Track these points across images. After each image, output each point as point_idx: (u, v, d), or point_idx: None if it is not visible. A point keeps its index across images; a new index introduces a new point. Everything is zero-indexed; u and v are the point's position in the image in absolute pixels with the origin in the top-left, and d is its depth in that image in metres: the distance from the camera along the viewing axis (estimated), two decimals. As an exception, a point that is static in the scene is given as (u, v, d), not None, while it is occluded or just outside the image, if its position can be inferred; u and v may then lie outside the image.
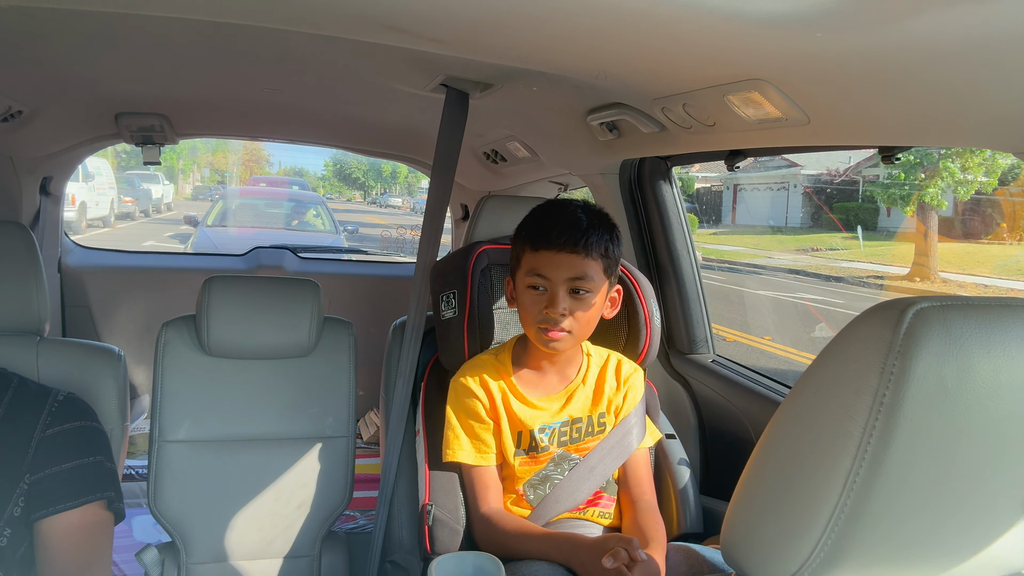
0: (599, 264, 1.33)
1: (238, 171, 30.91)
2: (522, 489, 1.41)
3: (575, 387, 1.44)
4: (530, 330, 1.36)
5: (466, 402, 1.41)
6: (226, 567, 1.56)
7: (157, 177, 21.32)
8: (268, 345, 1.64)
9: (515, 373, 1.43)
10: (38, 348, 1.38)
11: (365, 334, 1.76)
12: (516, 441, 1.40)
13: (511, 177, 2.53)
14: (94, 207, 14.30)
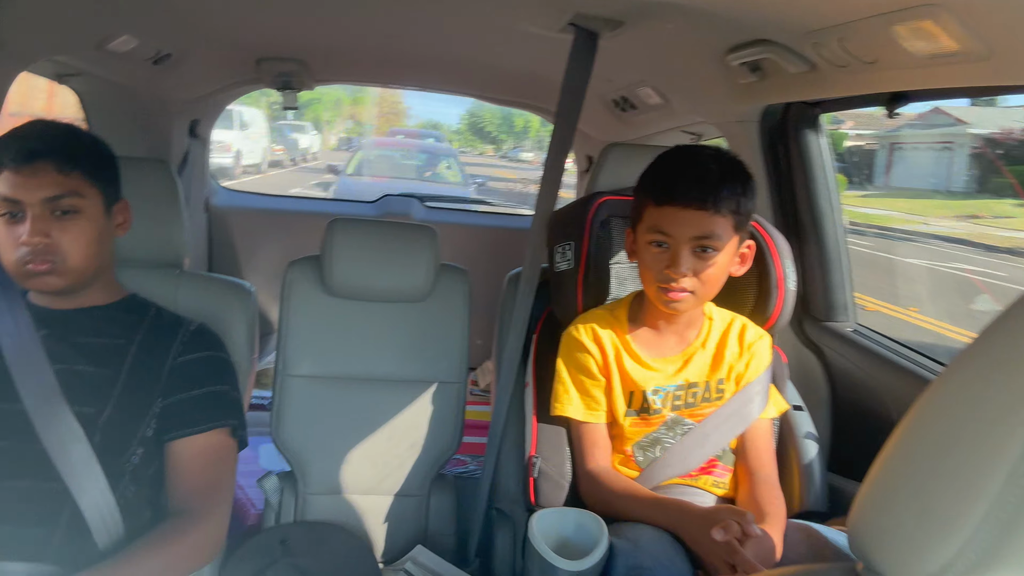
0: (729, 221, 1.22)
1: (378, 123, 32.04)
2: (631, 450, 1.36)
3: (693, 350, 1.35)
4: (650, 288, 1.28)
5: (577, 356, 1.36)
6: (339, 499, 1.62)
7: (305, 127, 22.47)
8: (386, 288, 1.65)
9: (631, 331, 1.36)
10: (178, 281, 1.45)
11: (486, 283, 1.75)
12: (627, 401, 1.34)
13: (641, 126, 2.41)
14: (248, 155, 15.26)
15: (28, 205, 1.12)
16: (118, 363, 1.21)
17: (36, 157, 1.13)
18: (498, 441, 1.51)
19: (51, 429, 1.11)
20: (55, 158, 1.14)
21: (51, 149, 1.14)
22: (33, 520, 1.06)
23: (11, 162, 1.12)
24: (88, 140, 1.24)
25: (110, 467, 1.13)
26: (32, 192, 1.12)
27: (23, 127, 1.19)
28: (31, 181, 1.12)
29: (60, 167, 1.14)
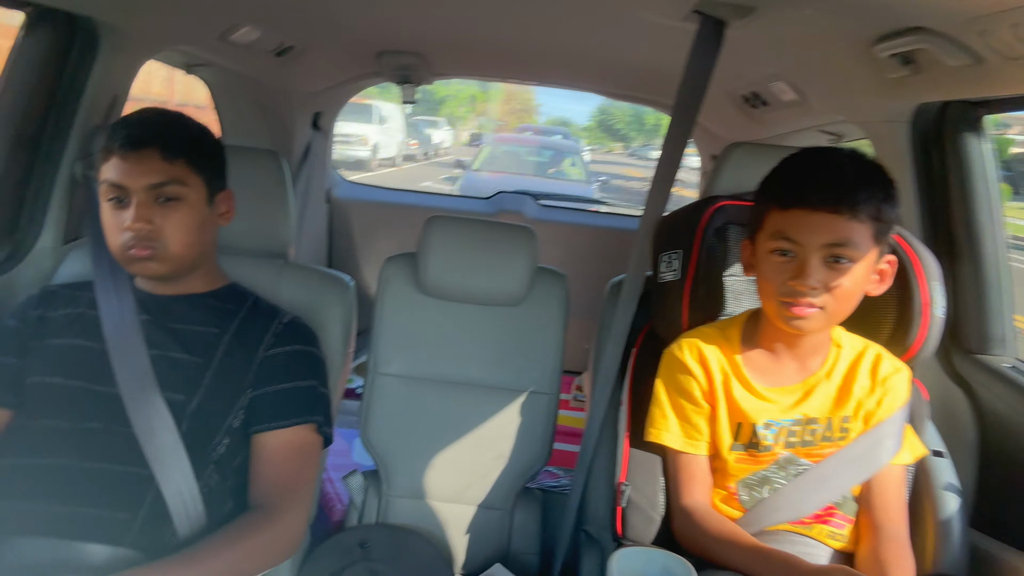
0: (867, 228, 1.05)
1: (508, 120, 32.46)
2: (735, 487, 1.21)
3: (816, 381, 1.18)
4: (769, 303, 1.12)
5: (679, 378, 1.23)
6: (422, 505, 1.58)
7: (439, 123, 23.17)
8: (479, 290, 1.59)
9: (743, 353, 1.21)
10: (281, 271, 1.44)
11: (597, 286, 1.66)
12: (734, 433, 1.20)
13: (773, 125, 2.22)
14: (384, 148, 15.88)
15: (133, 191, 1.14)
16: (211, 352, 1.21)
17: (142, 144, 1.14)
18: (589, 460, 1.41)
19: (141, 414, 1.12)
20: (160, 146, 1.15)
21: (157, 137, 1.16)
22: (116, 504, 1.07)
23: (119, 148, 1.14)
24: (195, 129, 1.24)
25: (196, 456, 1.13)
26: (137, 178, 1.14)
27: (132, 115, 1.21)
28: (136, 168, 1.14)
29: (165, 155, 1.15)
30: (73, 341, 1.19)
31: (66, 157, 1.46)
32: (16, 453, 1.10)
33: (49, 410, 1.13)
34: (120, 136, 1.15)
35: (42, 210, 1.47)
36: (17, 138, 1.41)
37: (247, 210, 1.39)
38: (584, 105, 42.48)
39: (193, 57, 1.98)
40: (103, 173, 1.16)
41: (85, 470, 1.08)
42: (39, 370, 1.17)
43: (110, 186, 1.15)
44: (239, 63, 2.07)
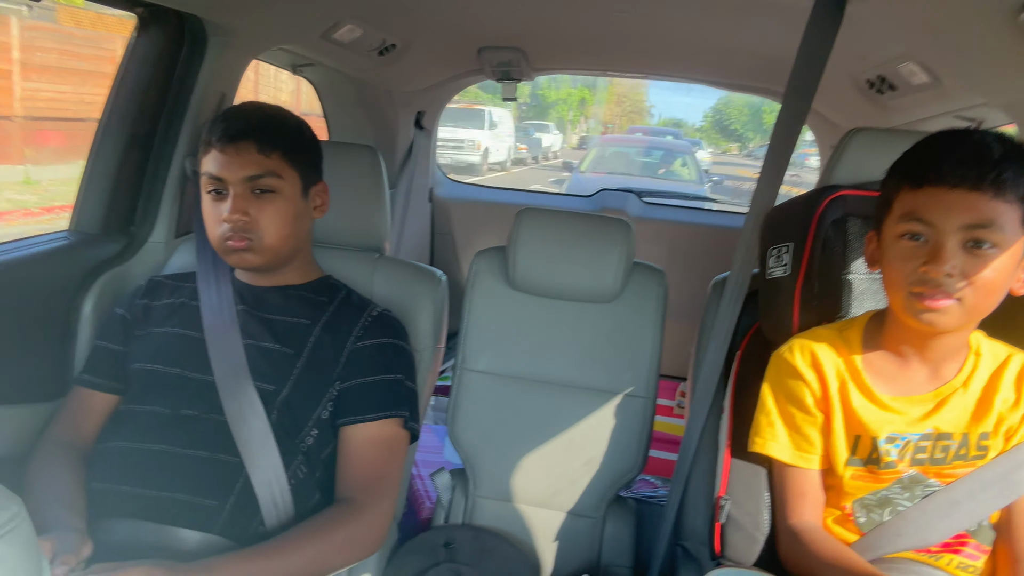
0: (1015, 210, 0.91)
1: (619, 122, 32.13)
2: (850, 507, 1.09)
3: (951, 391, 1.04)
4: (897, 295, 0.99)
5: (789, 384, 1.11)
6: (509, 508, 1.53)
7: (548, 127, 23.28)
8: (570, 285, 1.53)
9: (865, 359, 1.08)
10: (375, 265, 1.44)
11: (702, 290, 1.56)
12: (851, 447, 1.07)
13: (901, 111, 2.02)
14: (495, 152, 16.10)
15: (230, 183, 1.17)
16: (301, 343, 1.22)
17: (239, 137, 1.17)
18: (687, 470, 1.31)
19: (234, 403, 1.13)
20: (257, 139, 1.17)
21: (253, 130, 1.18)
22: (207, 491, 1.09)
23: (217, 142, 1.17)
24: (291, 123, 1.26)
25: (285, 446, 1.13)
26: (234, 171, 1.16)
27: (231, 109, 1.24)
28: (234, 160, 1.16)
29: (261, 147, 1.17)
30: (174, 330, 1.23)
31: (177, 154, 1.52)
32: (118, 437, 1.14)
33: (149, 396, 1.17)
34: (218, 129, 1.18)
35: (155, 205, 1.53)
36: (132, 136, 1.47)
37: (343, 204, 1.40)
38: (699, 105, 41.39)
39: (299, 57, 2.03)
40: (203, 165, 1.19)
41: (179, 456, 1.10)
42: (142, 357, 1.21)
43: (209, 178, 1.18)
44: (342, 62, 2.10)
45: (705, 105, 37.45)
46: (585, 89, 30.81)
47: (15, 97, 8.03)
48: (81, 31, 9.12)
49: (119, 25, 9.37)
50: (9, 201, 7.53)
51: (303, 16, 1.67)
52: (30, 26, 8.25)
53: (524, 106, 29.36)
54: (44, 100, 8.43)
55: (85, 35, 9.00)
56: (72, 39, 8.80)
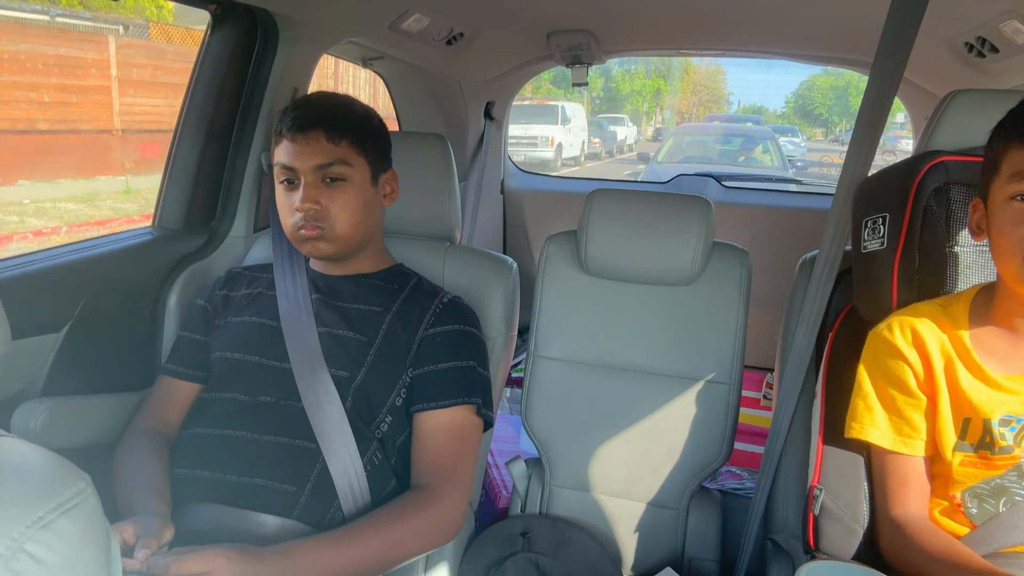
0: None
1: (696, 111, 31.41)
2: (960, 497, 1.00)
3: None
4: (1008, 264, 0.91)
5: (888, 364, 1.03)
6: (587, 498, 1.49)
7: (623, 120, 23.01)
8: (645, 268, 1.47)
9: (973, 335, 0.99)
10: (446, 253, 1.43)
11: (788, 276, 1.48)
12: (960, 431, 0.98)
13: (1003, 76, 1.86)
14: (568, 148, 16.01)
15: (301, 172, 1.18)
16: (374, 330, 1.22)
17: (309, 127, 1.18)
18: (776, 459, 1.24)
19: (310, 389, 1.14)
20: (325, 127, 1.18)
21: (322, 119, 1.18)
22: (285, 476, 1.10)
23: (288, 131, 1.19)
24: (359, 111, 1.26)
25: (360, 432, 1.14)
26: (305, 160, 1.17)
27: (301, 100, 1.25)
28: (304, 149, 1.17)
29: (329, 135, 1.18)
30: (251, 319, 1.25)
31: (254, 149, 1.56)
32: (199, 424, 1.17)
33: (229, 384, 1.19)
34: (288, 119, 1.19)
35: (234, 201, 1.57)
36: (209, 133, 1.51)
37: (414, 193, 1.40)
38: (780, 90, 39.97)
39: (368, 51, 2.04)
40: (276, 156, 1.21)
41: (258, 442, 1.12)
42: (221, 346, 1.23)
43: (281, 168, 1.20)
44: (410, 53, 2.10)
45: (788, 85, 36.14)
46: (660, 79, 30.26)
47: (114, 112, 8.56)
48: (172, 47, 9.64)
49: (208, 39, 9.84)
50: (112, 209, 8.04)
51: (370, 7, 1.68)
52: (125, 44, 8.78)
53: (597, 99, 29.10)
54: (140, 113, 8.95)
55: (176, 50, 9.51)
56: (164, 55, 9.31)
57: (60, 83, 7.95)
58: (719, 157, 9.26)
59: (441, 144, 1.45)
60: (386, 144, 1.29)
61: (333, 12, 1.59)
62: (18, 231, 6.80)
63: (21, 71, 7.58)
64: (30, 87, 7.70)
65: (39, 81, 7.77)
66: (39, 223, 7.13)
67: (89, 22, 8.89)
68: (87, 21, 8.90)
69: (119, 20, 9.19)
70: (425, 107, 2.46)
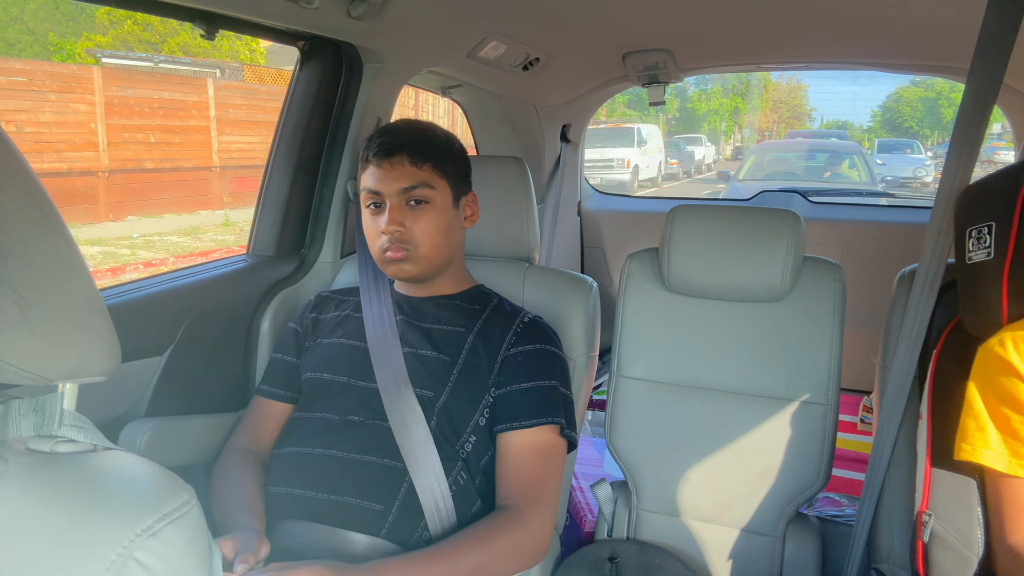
0: None
1: (777, 128, 30.63)
2: None
3: None
4: None
5: (1001, 382, 0.96)
6: (676, 523, 1.44)
7: (700, 140, 22.72)
8: (732, 284, 1.43)
9: None
10: (525, 274, 1.44)
11: (883, 295, 1.42)
12: None
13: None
14: (645, 169, 15.90)
15: (387, 196, 1.22)
16: (457, 350, 1.23)
17: (393, 152, 1.22)
18: (879, 484, 1.17)
19: (396, 409, 1.16)
20: (409, 152, 1.22)
21: (406, 144, 1.23)
22: (374, 494, 1.12)
23: (374, 157, 1.24)
24: (441, 135, 1.30)
25: (445, 452, 1.15)
26: (390, 183, 1.22)
27: (385, 127, 1.30)
28: (390, 173, 1.22)
29: (413, 159, 1.22)
30: (340, 340, 1.28)
31: (340, 178, 1.61)
32: (291, 443, 1.20)
33: (319, 403, 1.23)
34: (374, 146, 1.24)
35: (323, 228, 1.63)
36: (299, 164, 1.58)
37: (493, 215, 1.42)
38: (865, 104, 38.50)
39: (446, 79, 2.09)
40: (362, 182, 1.26)
41: (347, 460, 1.14)
42: (312, 367, 1.27)
43: (368, 192, 1.24)
44: (488, 80, 2.14)
45: (875, 99, 34.81)
46: (737, 98, 29.75)
47: (213, 150, 9.12)
48: (265, 87, 10.21)
49: (296, 79, 10.40)
50: (213, 241, 8.52)
51: (450, 36, 1.72)
52: (222, 86, 9.35)
53: (673, 120, 28.82)
54: (236, 150, 9.50)
55: (268, 90, 10.07)
56: (257, 94, 9.87)
57: (164, 124, 8.54)
58: (804, 173, 8.95)
59: (519, 167, 1.46)
60: (467, 168, 1.32)
61: (414, 43, 1.64)
62: (130, 263, 7.28)
63: (130, 114, 8.18)
64: (137, 129, 8.30)
65: (145, 123, 8.37)
66: (148, 255, 7.63)
67: (189, 67, 9.53)
68: (187, 66, 9.54)
69: (216, 64, 9.81)
70: (502, 132, 2.50)
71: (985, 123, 1.16)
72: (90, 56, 10.92)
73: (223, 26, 1.30)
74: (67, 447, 0.52)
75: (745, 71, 2.74)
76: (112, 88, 8.06)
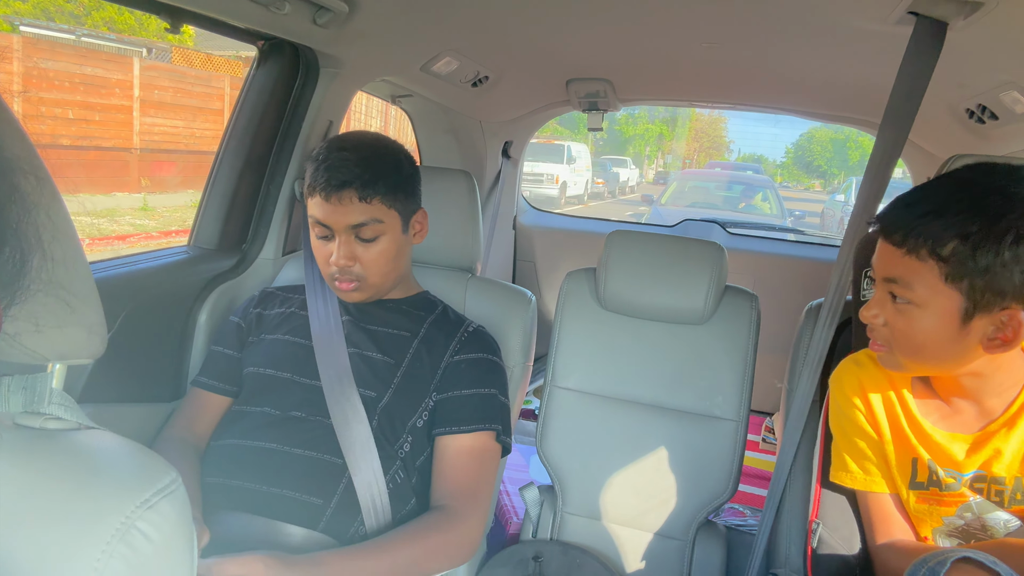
0: (930, 268, 0.90)
1: (697, 157, 31.78)
2: (934, 537, 1.05)
3: (995, 429, 0.98)
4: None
5: (847, 413, 1.11)
6: (596, 526, 1.53)
7: (625, 162, 23.30)
8: (660, 306, 1.53)
9: (913, 387, 1.06)
10: (468, 284, 1.50)
11: (790, 323, 1.55)
12: (909, 471, 1.05)
13: (1003, 141, 1.95)
14: (572, 186, 16.19)
15: (336, 231, 1.23)
16: (402, 353, 1.27)
17: (341, 187, 1.21)
18: (779, 496, 1.29)
19: (339, 407, 1.19)
20: (358, 187, 1.21)
21: (354, 179, 1.20)
22: (313, 489, 1.14)
23: (322, 191, 1.22)
24: (389, 162, 1.27)
25: (384, 451, 1.18)
26: (339, 219, 1.21)
27: (333, 150, 1.25)
28: (338, 208, 1.21)
29: (362, 195, 1.21)
30: (284, 337, 1.30)
31: (288, 177, 1.62)
32: (231, 435, 1.22)
33: (261, 398, 1.24)
34: (322, 180, 1.21)
35: (266, 225, 1.63)
36: (248, 160, 1.58)
37: (440, 226, 1.46)
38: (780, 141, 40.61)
39: (397, 88, 2.14)
40: (309, 208, 1.24)
41: (288, 454, 1.16)
42: (255, 362, 1.29)
43: (316, 223, 1.24)
44: (438, 93, 2.20)
45: (788, 137, 36.66)
46: (663, 124, 30.71)
47: (134, 131, 8.72)
48: (193, 71, 9.85)
49: (227, 65, 10.06)
50: (131, 225, 8.14)
51: (407, 49, 1.77)
52: (149, 66, 8.97)
53: (601, 141, 29.47)
54: (159, 134, 9.11)
55: (196, 74, 9.72)
56: (185, 78, 9.51)
57: (85, 101, 8.11)
58: (721, 203, 9.45)
59: (468, 181, 1.52)
60: (416, 186, 1.32)
61: (372, 52, 1.68)
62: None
63: (49, 88, 7.74)
64: (56, 103, 7.85)
65: (65, 98, 7.93)
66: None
67: (114, 43, 9.11)
68: (112, 43, 9.12)
69: (143, 43, 9.41)
70: (447, 143, 2.55)
71: (889, 174, 1.31)
72: (6, 23, 10.26)
73: (188, 21, 1.30)
74: (55, 424, 0.55)
75: (677, 105, 2.90)
76: (32, 59, 7.62)
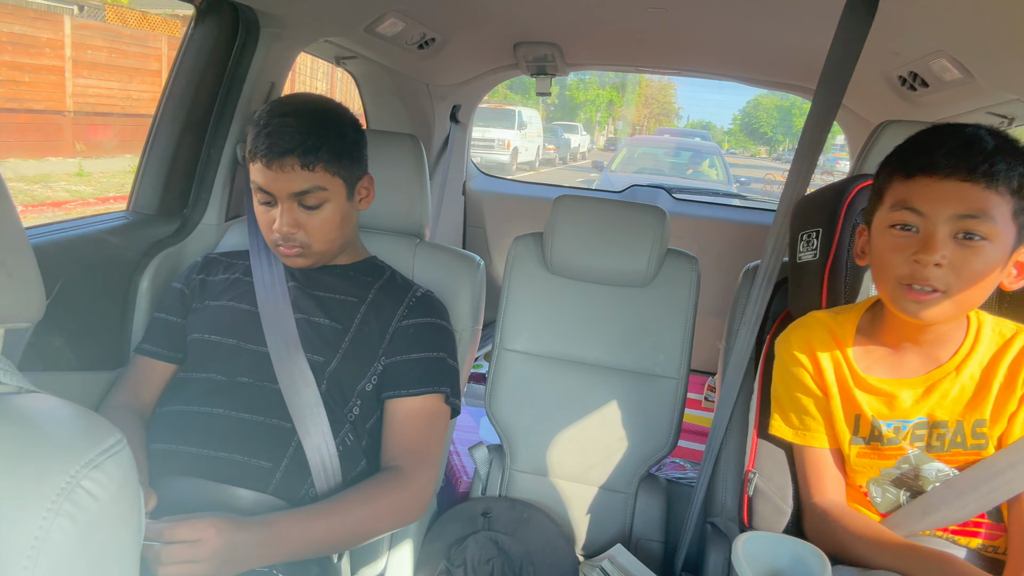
0: (1007, 203, 0.92)
1: (647, 123, 32.00)
2: (866, 487, 1.12)
3: (942, 376, 1.04)
4: (884, 287, 1.00)
5: (790, 369, 1.15)
6: (544, 482, 1.58)
7: (576, 128, 23.30)
8: (605, 269, 1.57)
9: (856, 345, 1.10)
10: (416, 249, 1.50)
11: (731, 286, 1.60)
12: (853, 427, 1.10)
13: (933, 107, 2.03)
14: (523, 152, 16.14)
15: (279, 198, 1.21)
16: (350, 318, 1.27)
17: (283, 155, 1.17)
18: (717, 449, 1.35)
19: (286, 372, 1.19)
20: (300, 154, 1.18)
21: (296, 146, 1.18)
22: (262, 453, 1.15)
23: (263, 157, 1.19)
24: (333, 127, 1.24)
25: (333, 415, 1.20)
26: (280, 187, 1.19)
27: (275, 115, 1.21)
28: (280, 176, 1.19)
29: (304, 163, 1.18)
30: (229, 304, 1.29)
31: (229, 141, 1.59)
32: (177, 401, 1.21)
33: (206, 364, 1.23)
34: (263, 146, 1.18)
35: (208, 190, 1.60)
36: (187, 123, 1.54)
37: (388, 191, 1.46)
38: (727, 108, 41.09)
39: (342, 50, 2.10)
40: (252, 174, 1.22)
41: (236, 419, 1.17)
42: (199, 328, 1.27)
43: (257, 188, 1.22)
44: (383, 55, 2.17)
45: (736, 104, 37.21)
46: (613, 91, 30.77)
47: (67, 93, 8.31)
48: (129, 30, 9.39)
49: (164, 25, 9.63)
50: (67, 191, 7.80)
51: (350, 9, 1.74)
52: (80, 25, 8.52)
53: (552, 107, 29.39)
54: (93, 96, 8.69)
55: (132, 34, 9.27)
56: (120, 38, 9.06)
57: (12, 61, 7.68)
58: (669, 169, 9.60)
59: (415, 145, 1.51)
60: (362, 151, 1.30)
61: (313, 11, 1.64)
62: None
63: (-29, 47, 7.32)
64: (-21, 64, 7.43)
65: (-9, 58, 7.51)
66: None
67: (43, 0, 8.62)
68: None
69: (74, 0, 8.94)
70: (393, 107, 2.53)
71: (823, 140, 1.35)
72: (-83, -26, 9.61)
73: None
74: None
75: (625, 71, 2.92)
76: (-50, 17, 7.18)
